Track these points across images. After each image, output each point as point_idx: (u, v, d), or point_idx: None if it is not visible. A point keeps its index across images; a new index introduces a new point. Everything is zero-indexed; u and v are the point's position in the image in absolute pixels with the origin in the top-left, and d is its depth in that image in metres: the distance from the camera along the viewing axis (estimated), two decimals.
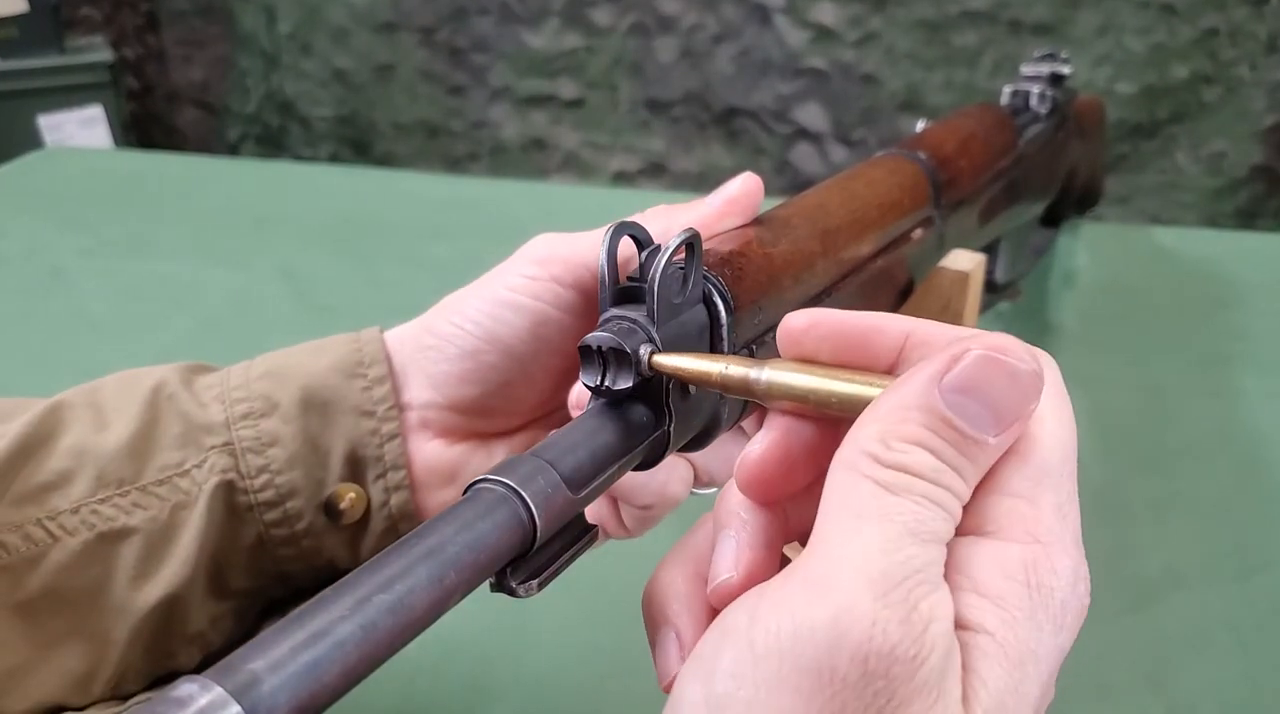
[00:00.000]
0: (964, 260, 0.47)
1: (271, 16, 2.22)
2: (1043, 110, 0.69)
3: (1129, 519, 0.61)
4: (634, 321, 0.28)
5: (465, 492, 0.24)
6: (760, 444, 0.25)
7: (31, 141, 2.08)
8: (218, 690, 0.17)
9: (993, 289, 0.66)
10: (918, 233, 0.44)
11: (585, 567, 0.27)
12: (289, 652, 0.19)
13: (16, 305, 0.88)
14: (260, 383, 0.36)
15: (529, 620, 0.53)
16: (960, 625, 0.21)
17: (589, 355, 0.27)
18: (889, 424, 0.21)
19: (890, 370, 0.24)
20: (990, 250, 0.63)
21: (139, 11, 2.45)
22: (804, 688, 0.19)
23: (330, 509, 0.36)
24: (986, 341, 0.21)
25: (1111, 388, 0.74)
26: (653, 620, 0.26)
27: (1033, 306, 0.85)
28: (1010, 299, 0.69)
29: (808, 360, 0.24)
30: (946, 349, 0.22)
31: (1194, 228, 1.79)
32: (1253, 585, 0.56)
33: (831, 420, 0.24)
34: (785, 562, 0.26)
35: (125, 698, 0.35)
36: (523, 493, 0.23)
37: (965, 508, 0.22)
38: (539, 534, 0.24)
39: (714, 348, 0.30)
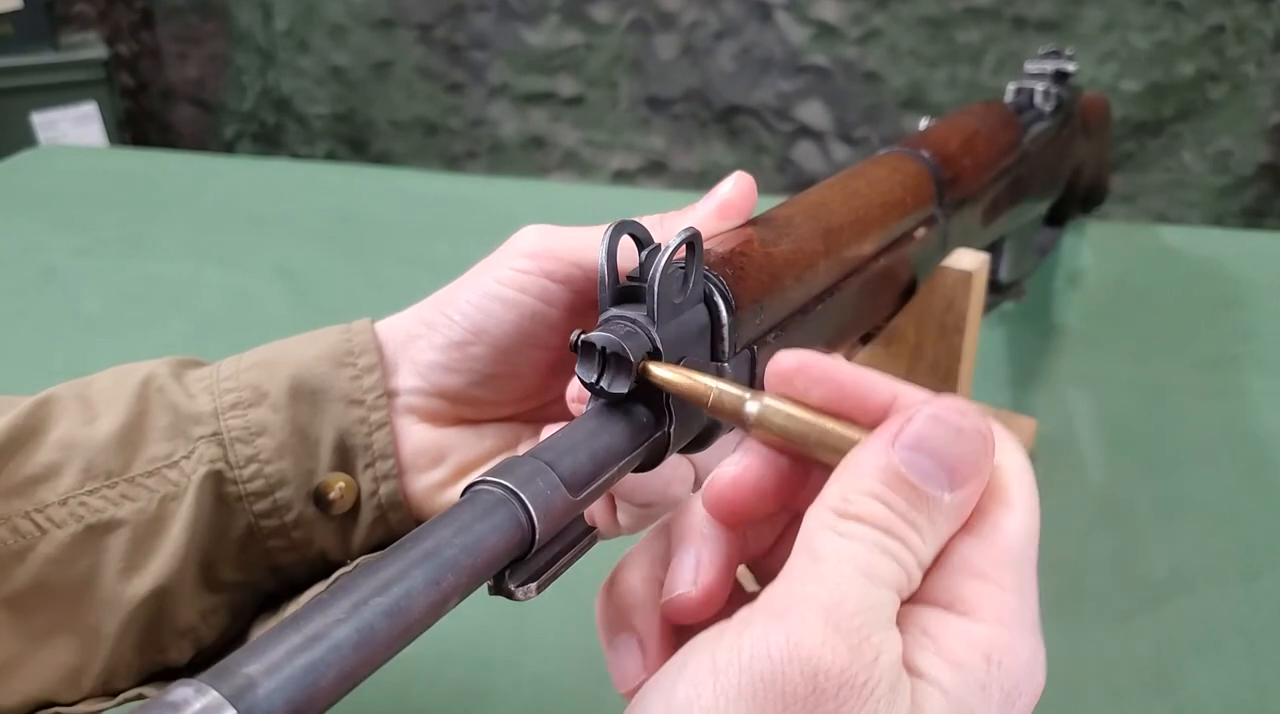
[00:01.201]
0: (968, 260, 0.47)
1: (268, 13, 2.22)
2: (1047, 108, 0.69)
3: (1134, 521, 0.61)
4: (634, 321, 0.27)
5: (463, 493, 0.24)
6: (734, 469, 0.26)
7: (25, 139, 2.08)
8: (213, 694, 0.17)
9: (997, 289, 0.66)
10: (921, 232, 0.44)
11: (584, 569, 0.27)
12: (285, 655, 0.19)
13: (10, 305, 0.88)
14: (250, 373, 0.36)
15: (528, 624, 0.52)
16: (915, 673, 0.22)
17: (589, 351, 0.27)
18: (849, 481, 0.23)
19: (874, 426, 0.25)
20: (994, 249, 0.63)
21: (134, 8, 2.45)
22: (758, 699, 0.20)
23: (320, 499, 0.36)
24: (939, 403, 0.23)
25: (1116, 388, 0.74)
26: (611, 624, 0.27)
27: (1037, 306, 0.85)
28: (1014, 299, 0.69)
29: (797, 399, 0.25)
30: (902, 411, 0.24)
31: (1200, 227, 1.79)
32: (1260, 587, 0.56)
33: (808, 459, 0.25)
34: (738, 584, 0.28)
35: (116, 693, 0.35)
36: (521, 495, 0.23)
37: (938, 584, 0.23)
38: (538, 536, 0.24)
39: (715, 347, 0.30)
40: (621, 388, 0.27)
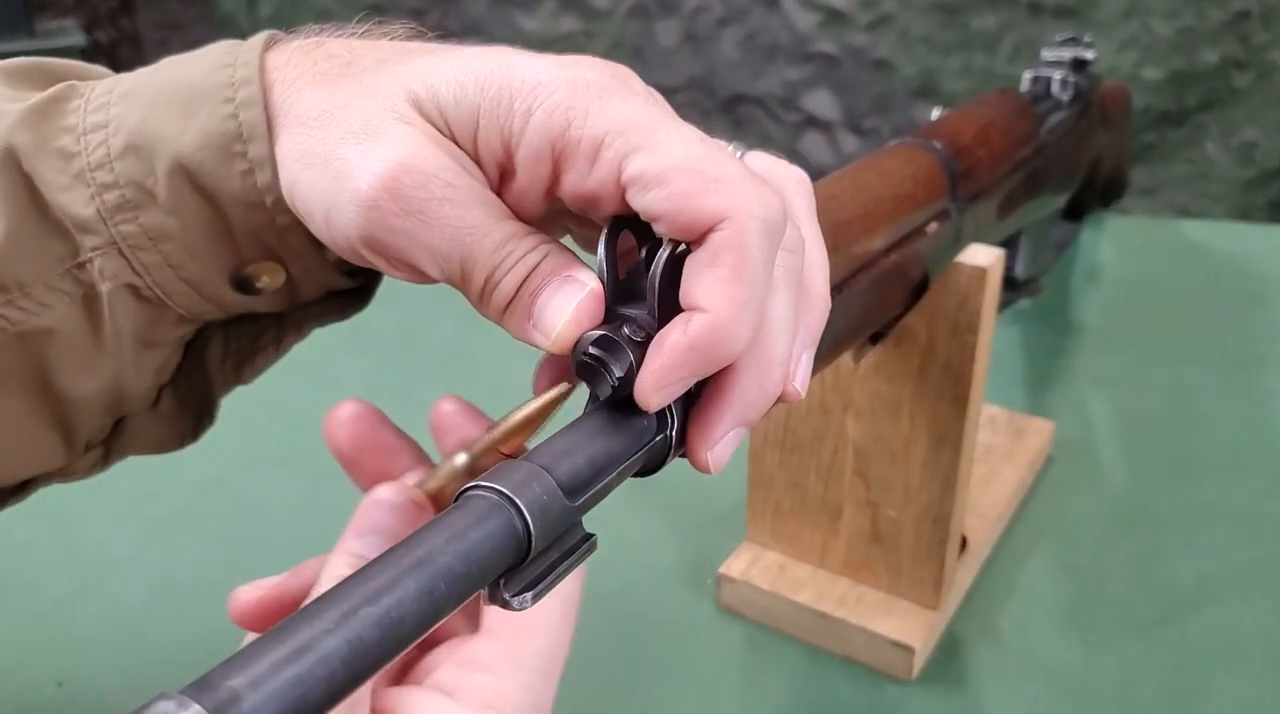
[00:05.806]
0: (982, 256, 0.47)
1: None
2: (1065, 97, 0.69)
3: (1156, 527, 0.61)
4: (635, 320, 0.28)
5: (457, 499, 0.24)
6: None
7: None
8: (195, 708, 0.17)
9: (1012, 286, 0.66)
10: (933, 226, 0.44)
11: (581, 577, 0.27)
12: (270, 668, 0.19)
13: None
14: (125, 163, 0.32)
15: None
16: None
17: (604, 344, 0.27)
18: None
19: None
20: (1010, 245, 0.63)
21: None
22: None
23: (245, 285, 0.34)
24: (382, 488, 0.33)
25: (1137, 389, 0.74)
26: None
27: (1054, 304, 0.85)
28: (1031, 296, 0.69)
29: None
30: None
31: (1224, 221, 1.79)
32: None
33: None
34: None
35: (108, 456, 0.38)
36: (517, 501, 0.23)
37: (429, 671, 0.29)
38: (534, 544, 0.24)
39: None
40: (603, 394, 0.27)
